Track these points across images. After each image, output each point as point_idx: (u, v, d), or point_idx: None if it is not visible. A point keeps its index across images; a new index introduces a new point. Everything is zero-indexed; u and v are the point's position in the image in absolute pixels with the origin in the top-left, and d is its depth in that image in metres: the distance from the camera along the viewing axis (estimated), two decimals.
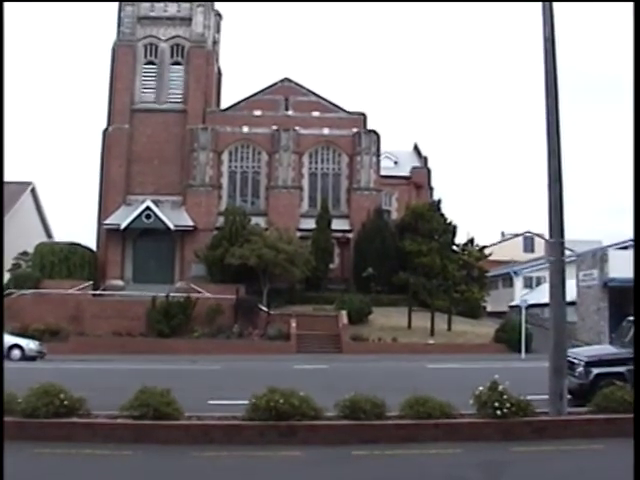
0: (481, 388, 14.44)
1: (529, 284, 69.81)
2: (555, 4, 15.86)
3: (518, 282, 71.22)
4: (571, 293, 44.60)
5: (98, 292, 57.80)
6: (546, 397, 15.12)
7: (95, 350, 45.94)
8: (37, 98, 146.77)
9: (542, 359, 19.25)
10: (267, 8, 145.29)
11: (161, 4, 68.22)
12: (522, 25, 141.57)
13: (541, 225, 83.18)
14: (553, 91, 15.76)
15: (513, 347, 48.20)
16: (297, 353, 47.73)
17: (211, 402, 17.92)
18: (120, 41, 67.68)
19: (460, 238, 64.43)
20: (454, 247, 62.84)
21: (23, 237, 65.34)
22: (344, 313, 52.62)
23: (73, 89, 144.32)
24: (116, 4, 68.33)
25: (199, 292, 55.05)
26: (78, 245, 62.18)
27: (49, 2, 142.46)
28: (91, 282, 57.73)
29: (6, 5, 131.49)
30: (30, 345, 41.87)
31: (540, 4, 15.83)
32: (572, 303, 50.54)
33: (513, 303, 64.30)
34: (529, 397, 14.56)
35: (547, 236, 16.77)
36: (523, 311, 47.73)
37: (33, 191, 74.01)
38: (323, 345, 49.91)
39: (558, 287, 15.59)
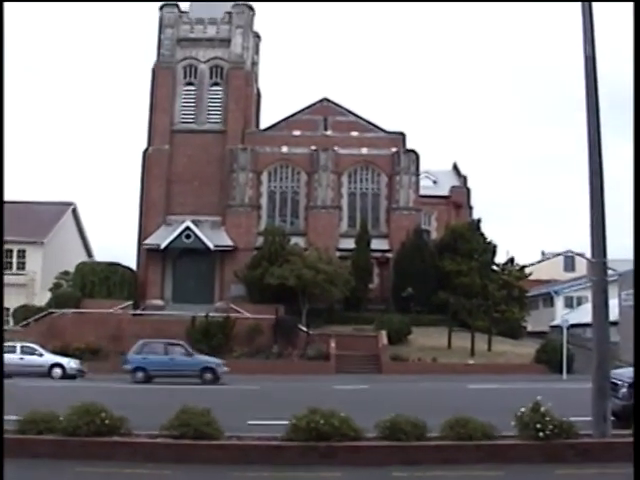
0: (523, 409, 14.25)
1: (570, 304, 69.12)
2: (596, 16, 15.71)
3: (559, 302, 70.55)
4: (614, 313, 44.05)
5: (138, 311, 58.20)
6: (589, 419, 14.90)
7: None
8: (79, 119, 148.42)
9: (584, 380, 19.00)
10: (306, 28, 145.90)
11: (200, 26, 68.86)
12: (562, 38, 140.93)
13: (582, 243, 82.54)
14: (594, 110, 15.61)
15: (554, 368, 47.71)
16: (337, 373, 47.61)
17: (251, 422, 17.88)
18: (160, 63, 68.32)
19: (500, 257, 64.15)
20: (494, 267, 62.49)
21: (64, 257, 66.07)
22: (384, 333, 52.47)
23: (114, 110, 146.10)
24: (157, 26, 68.98)
25: (238, 312, 55.17)
26: (118, 265, 62.71)
27: (90, 23, 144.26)
28: (131, 302, 58.17)
29: (53, 28, 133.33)
30: (71, 364, 42.22)
31: (580, 19, 15.69)
32: (615, 323, 49.91)
33: (554, 323, 63.68)
34: (572, 419, 14.36)
35: (588, 255, 16.55)
36: (564, 331, 47.24)
37: (74, 211, 74.82)
38: (363, 365, 49.75)
39: (601, 307, 15.39)
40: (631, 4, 16.12)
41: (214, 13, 68.68)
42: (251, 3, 70.17)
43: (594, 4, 15.67)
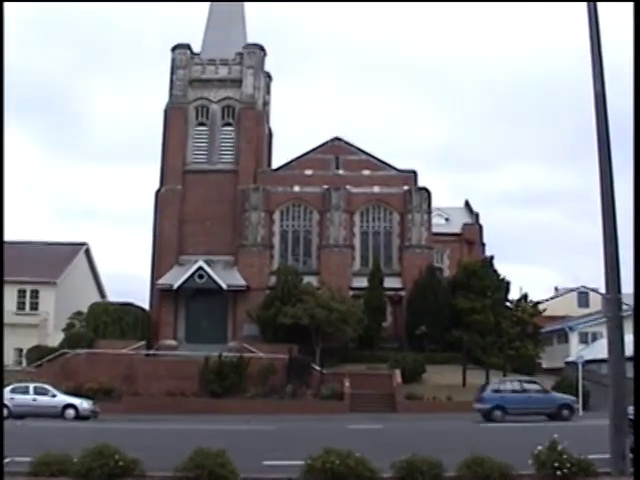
0: (540, 447, 14.13)
1: (585, 340, 68.63)
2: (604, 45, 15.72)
3: (573, 338, 70.04)
4: (629, 348, 43.75)
5: (151, 352, 58.10)
6: (607, 456, 14.75)
7: (148, 410, 46.01)
8: (92, 159, 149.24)
9: (600, 417, 18.88)
10: (317, 67, 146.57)
11: (212, 67, 69.51)
12: (575, 73, 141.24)
13: (596, 278, 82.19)
14: (606, 146, 15.58)
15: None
16: (351, 412, 47.33)
17: (266, 463, 17.75)
18: (172, 103, 68.88)
19: (513, 294, 63.82)
20: (507, 303, 62.19)
21: (77, 297, 66.31)
22: (398, 372, 52.26)
23: (126, 150, 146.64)
24: (168, 67, 69.62)
25: (252, 352, 55.02)
26: (131, 305, 62.80)
27: (100, 60, 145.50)
28: (144, 342, 58.08)
29: (66, 64, 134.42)
30: (84, 405, 42.13)
31: (588, 48, 15.70)
32: (631, 359, 49.55)
33: (569, 359, 63.22)
34: (590, 456, 14.21)
35: (602, 290, 16.46)
36: (580, 367, 46.94)
37: (87, 252, 75.15)
38: (377, 404, 49.46)
39: (617, 343, 15.29)
40: (631, 4, 16.12)
41: (225, 54, 69.30)
42: (262, 44, 70.78)
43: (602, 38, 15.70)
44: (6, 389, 42.13)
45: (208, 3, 74.66)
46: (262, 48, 70.66)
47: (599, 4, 15.75)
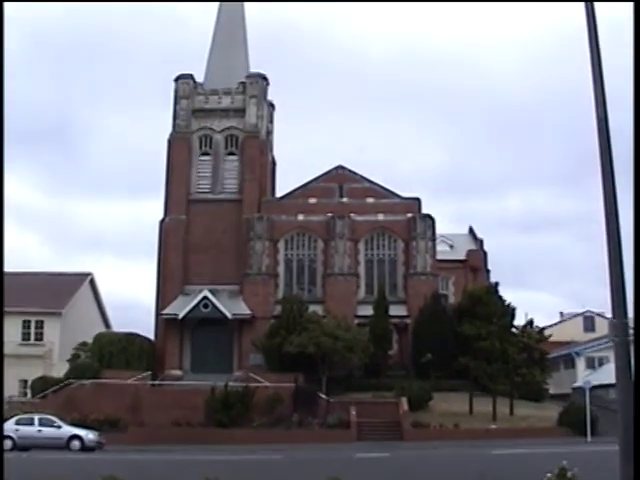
0: (549, 475, 14.03)
1: (592, 365, 68.47)
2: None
3: (580, 363, 69.93)
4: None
5: (157, 382, 57.91)
6: None
7: (154, 440, 45.88)
8: (95, 187, 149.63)
9: (609, 442, 18.77)
10: (319, 96, 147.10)
11: (215, 97, 69.91)
12: (578, 95, 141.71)
13: (601, 302, 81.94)
14: (609, 171, 15.50)
15: (578, 430, 47.01)
16: (358, 441, 47.09)
17: None
18: (176, 133, 69.17)
19: (519, 320, 63.62)
20: (513, 330, 61.98)
21: (82, 327, 66.29)
22: (404, 400, 51.99)
23: (130, 181, 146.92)
24: (171, 97, 69.98)
25: (258, 381, 54.79)
26: (136, 335, 62.66)
27: (103, 89, 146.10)
28: (149, 372, 57.87)
29: (71, 93, 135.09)
30: (89, 436, 41.96)
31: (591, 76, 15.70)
32: None
33: (576, 385, 63.05)
34: None
35: (608, 314, 16.37)
36: (587, 393, 46.74)
37: (92, 282, 75.21)
38: (384, 432, 49.19)
39: (625, 369, 15.18)
40: (631, 4, 16.15)
41: (228, 84, 69.67)
42: (264, 73, 71.14)
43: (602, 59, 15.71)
44: (11, 421, 42.09)
45: (210, 32, 75.18)
46: (265, 77, 71.04)
47: (600, 30, 15.80)
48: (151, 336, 65.00)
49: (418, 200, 67.48)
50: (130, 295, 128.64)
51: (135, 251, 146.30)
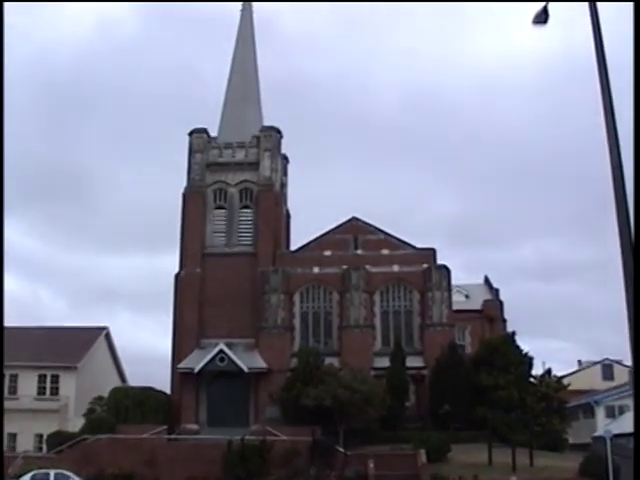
0: None
1: (611, 413, 67.88)
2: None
3: (600, 412, 69.32)
4: None
5: (173, 436, 57.71)
6: None
7: None
8: (110, 245, 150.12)
9: None
10: (332, 149, 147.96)
11: (229, 150, 70.50)
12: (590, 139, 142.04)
13: (620, 350, 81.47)
14: (624, 217, 15.61)
15: None
16: None
17: None
18: (190, 187, 69.87)
19: (537, 369, 63.27)
20: (531, 379, 61.61)
21: (98, 381, 66.32)
22: (422, 452, 51.56)
23: (146, 234, 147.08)
24: (186, 152, 70.58)
25: (275, 434, 54.55)
26: (152, 389, 62.74)
27: (117, 143, 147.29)
28: (166, 426, 57.71)
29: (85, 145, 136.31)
30: None
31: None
32: None
33: (596, 434, 62.43)
34: None
35: (627, 361, 16.37)
36: (608, 442, 46.30)
37: (107, 336, 75.33)
38: None
39: None
40: (631, 4, 16.30)
41: (242, 137, 70.45)
42: (278, 126, 71.81)
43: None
44: (27, 476, 41.99)
45: (224, 86, 76.07)
46: (278, 130, 71.74)
47: (613, 77, 15.99)
48: (167, 390, 65.00)
49: (433, 250, 67.60)
50: (146, 349, 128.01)
51: (151, 305, 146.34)
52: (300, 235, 75.55)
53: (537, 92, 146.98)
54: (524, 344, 62.79)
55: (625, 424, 54.42)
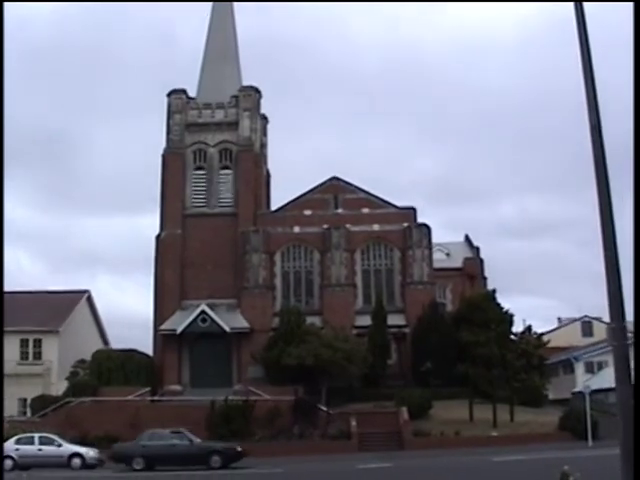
0: None
1: (591, 369, 68.50)
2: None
3: (579, 368, 69.90)
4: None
5: (156, 398, 57.81)
6: None
7: None
8: (91, 207, 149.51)
9: (610, 446, 18.82)
10: (311, 106, 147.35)
11: (208, 111, 69.99)
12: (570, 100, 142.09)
13: (599, 307, 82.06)
14: (603, 176, 15.58)
15: (579, 435, 47.01)
16: (359, 452, 46.93)
17: None
18: (169, 148, 69.32)
19: (517, 326, 63.70)
20: (512, 336, 62.07)
21: (80, 345, 66.21)
22: (404, 409, 51.85)
23: (125, 195, 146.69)
24: (164, 112, 70.11)
25: (257, 394, 54.76)
26: (134, 351, 62.78)
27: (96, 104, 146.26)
28: (149, 388, 57.71)
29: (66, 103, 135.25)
30: (90, 453, 41.82)
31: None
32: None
33: (576, 390, 63.08)
34: None
35: (606, 318, 16.45)
36: (587, 397, 46.78)
37: (89, 299, 75.10)
38: (385, 442, 49.11)
39: (624, 372, 15.26)
40: (631, 4, 16.27)
41: (221, 97, 69.83)
42: (257, 85, 71.28)
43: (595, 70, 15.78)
44: (11, 440, 41.97)
45: (202, 45, 75.37)
46: (257, 90, 71.15)
47: (592, 33, 15.88)
48: (149, 352, 64.93)
49: (413, 209, 67.51)
50: (127, 311, 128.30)
51: (132, 267, 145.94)
52: (280, 195, 75.43)
53: (519, 49, 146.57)
54: (505, 302, 63.46)
55: (604, 380, 54.95)
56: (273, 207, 72.14)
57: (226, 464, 37.82)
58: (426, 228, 65.93)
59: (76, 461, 40.96)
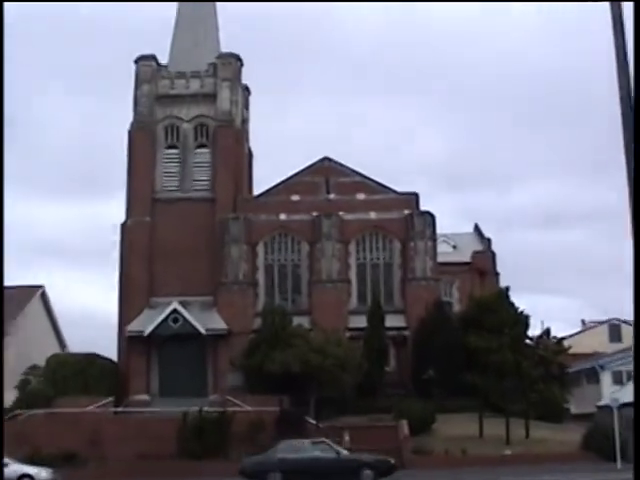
0: None
1: (619, 379, 67.89)
2: None
3: (605, 378, 69.36)
4: None
5: (120, 409, 57.47)
6: None
7: (118, 476, 45.49)
8: (48, 190, 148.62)
9: None
10: (302, 80, 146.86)
11: (182, 81, 69.37)
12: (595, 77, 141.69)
13: (629, 308, 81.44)
14: (633, 160, 14.97)
15: (605, 456, 46.77)
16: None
17: None
18: (137, 123, 68.91)
19: (534, 330, 63.25)
20: (528, 341, 61.68)
21: (32, 348, 65.42)
22: (404, 423, 51.56)
23: (86, 178, 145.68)
24: (132, 82, 69.46)
25: (236, 405, 54.43)
26: (96, 356, 62.28)
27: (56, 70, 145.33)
28: (112, 398, 57.13)
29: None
30: (42, 474, 41.24)
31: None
32: None
33: (602, 403, 62.56)
34: None
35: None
36: (615, 412, 46.33)
37: (43, 295, 74.18)
38: None
39: None
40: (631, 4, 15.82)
41: (197, 66, 69.36)
42: (238, 53, 70.67)
43: None
44: None
45: (175, 5, 74.52)
46: (238, 58, 70.67)
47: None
48: (113, 356, 64.78)
49: (416, 195, 67.23)
50: (88, 310, 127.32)
51: (94, 259, 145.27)
52: (265, 178, 75.10)
53: (539, 18, 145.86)
54: (520, 301, 62.76)
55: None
56: (256, 191, 71.93)
57: (378, 479, 37.85)
58: (430, 216, 65.65)
59: None
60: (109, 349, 65.32)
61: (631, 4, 13.17)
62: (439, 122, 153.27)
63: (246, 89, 74.49)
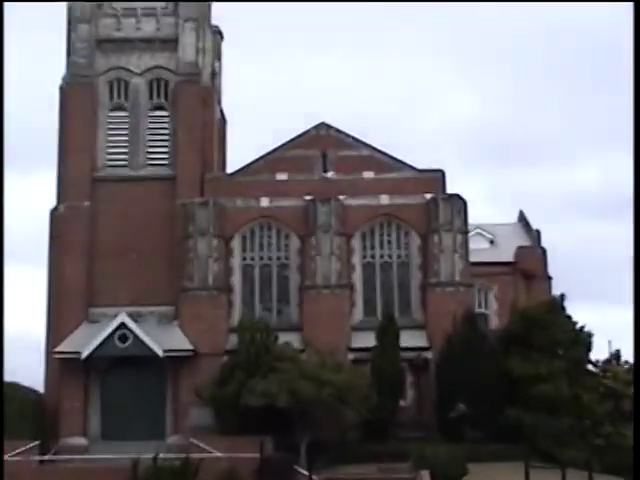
0: None
1: None
2: None
3: None
4: None
5: (47, 457, 57.06)
6: None
7: None
8: None
9: None
10: (291, 25, 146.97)
11: (131, 20, 68.91)
12: None
13: None
14: None
15: None
16: None
17: None
18: (72, 76, 68.53)
19: (598, 351, 63.19)
20: (590, 367, 61.64)
21: None
22: (426, 474, 51.34)
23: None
24: (64, 22, 69.09)
25: (204, 450, 54.18)
26: (15, 386, 61.91)
27: None
28: (37, 442, 56.78)
29: None
30: None
31: None
32: None
33: None
34: None
35: None
36: None
37: None
38: None
39: None
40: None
41: (151, 1, 68.85)
42: None
43: None
44: None
45: None
46: None
47: None
48: (40, 387, 64.48)
49: (441, 173, 67.03)
50: (7, 325, 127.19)
51: (13, 257, 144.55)
52: (242, 151, 74.83)
53: None
54: (579, 314, 62.66)
55: None
56: (230, 168, 71.84)
57: None
58: (460, 201, 65.42)
59: None
60: (34, 377, 65.27)
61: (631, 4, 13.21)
62: (472, 76, 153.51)
63: (218, 33, 74.31)
